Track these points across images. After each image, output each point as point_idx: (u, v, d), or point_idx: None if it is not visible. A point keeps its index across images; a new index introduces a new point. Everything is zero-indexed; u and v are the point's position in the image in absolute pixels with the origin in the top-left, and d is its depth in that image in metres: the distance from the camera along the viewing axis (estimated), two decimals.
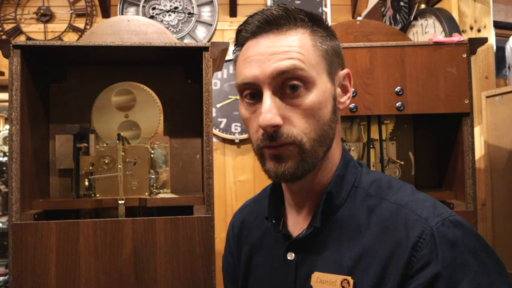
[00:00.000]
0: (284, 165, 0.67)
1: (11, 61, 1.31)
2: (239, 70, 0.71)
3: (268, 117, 0.65)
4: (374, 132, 1.53)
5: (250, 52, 0.69)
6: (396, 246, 0.64)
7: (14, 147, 1.30)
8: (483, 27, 2.12)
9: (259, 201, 0.90)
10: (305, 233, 0.73)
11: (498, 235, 1.92)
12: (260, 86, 0.67)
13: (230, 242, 0.93)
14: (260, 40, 0.69)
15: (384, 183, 0.74)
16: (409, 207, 0.68)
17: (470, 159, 1.38)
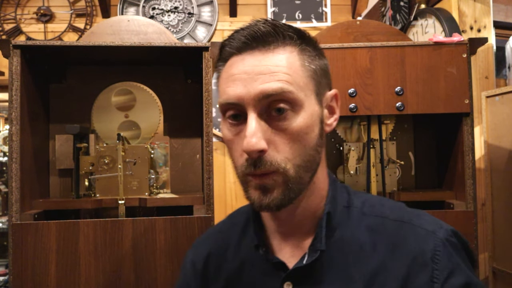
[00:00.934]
0: (269, 196, 0.63)
1: (11, 61, 1.31)
2: (222, 88, 0.66)
3: (253, 141, 0.60)
4: (374, 132, 1.53)
5: (235, 69, 0.64)
6: (412, 262, 0.63)
7: (14, 147, 1.30)
8: (483, 27, 2.12)
9: (226, 231, 0.80)
10: (311, 259, 0.67)
11: (498, 235, 1.92)
12: (244, 107, 0.62)
13: (190, 281, 0.80)
14: (246, 57, 0.64)
15: (376, 201, 0.73)
16: (413, 222, 0.67)
17: (470, 159, 1.38)
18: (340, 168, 1.62)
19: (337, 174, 1.62)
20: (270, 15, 3.10)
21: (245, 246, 0.75)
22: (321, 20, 3.12)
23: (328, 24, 3.11)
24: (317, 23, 3.11)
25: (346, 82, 1.39)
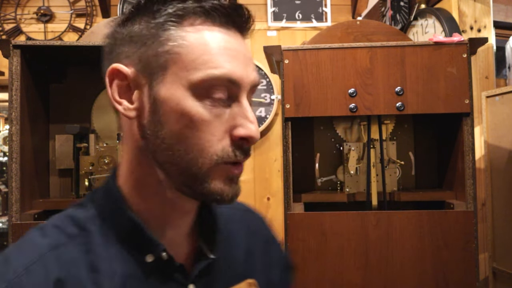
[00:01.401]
0: (238, 187, 0.59)
1: (11, 61, 1.31)
2: (212, 57, 0.56)
3: (256, 128, 0.56)
4: (374, 132, 1.53)
5: (234, 45, 0.58)
6: (267, 245, 0.76)
7: (14, 147, 1.30)
8: (483, 27, 2.12)
9: (66, 248, 0.57)
10: (218, 254, 0.65)
11: (498, 235, 1.92)
12: (238, 91, 0.57)
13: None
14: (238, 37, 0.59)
15: None
16: (254, 210, 0.80)
17: (470, 159, 1.38)
18: (340, 168, 1.62)
19: (337, 174, 1.62)
20: (270, 15, 3.10)
21: (121, 260, 0.59)
22: (321, 20, 3.12)
23: (328, 24, 3.11)
24: (317, 23, 3.11)
25: (346, 82, 1.39)
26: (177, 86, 0.56)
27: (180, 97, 0.55)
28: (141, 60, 0.57)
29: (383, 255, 1.35)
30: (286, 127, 1.42)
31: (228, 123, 0.57)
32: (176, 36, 0.56)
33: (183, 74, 0.56)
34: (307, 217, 1.39)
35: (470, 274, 1.33)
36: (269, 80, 3.01)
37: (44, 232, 0.59)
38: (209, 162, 0.56)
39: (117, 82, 0.58)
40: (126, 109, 0.58)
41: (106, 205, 0.61)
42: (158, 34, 0.56)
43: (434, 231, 1.34)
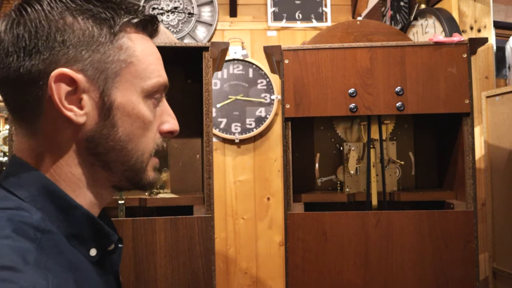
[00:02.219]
0: (158, 173, 0.68)
1: None
2: (155, 67, 0.65)
3: (177, 122, 0.68)
4: (374, 132, 1.53)
5: (158, 53, 0.67)
6: None
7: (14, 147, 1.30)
8: (483, 27, 2.12)
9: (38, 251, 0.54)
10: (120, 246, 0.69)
11: (498, 235, 1.92)
12: (164, 91, 0.67)
13: None
14: (153, 43, 0.68)
15: None
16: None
17: (470, 159, 1.38)
18: (340, 168, 1.62)
19: (337, 174, 1.62)
20: (270, 15, 3.10)
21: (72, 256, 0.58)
22: (321, 20, 3.13)
23: (328, 24, 3.11)
24: (317, 23, 3.11)
25: (346, 82, 1.39)
26: (132, 92, 0.61)
27: (135, 102, 0.62)
28: (91, 66, 0.58)
29: (383, 255, 1.35)
30: (286, 127, 1.42)
31: (158, 120, 0.66)
32: (128, 45, 0.61)
33: (136, 81, 0.62)
34: (307, 217, 1.39)
35: (470, 274, 1.33)
36: (269, 80, 3.01)
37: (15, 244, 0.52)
38: (148, 156, 0.65)
39: (64, 88, 0.57)
40: (77, 115, 0.58)
41: (54, 204, 0.59)
42: (111, 42, 0.60)
43: (434, 231, 1.34)
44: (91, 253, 0.61)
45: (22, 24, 0.56)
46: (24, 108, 0.59)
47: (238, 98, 3.01)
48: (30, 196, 0.58)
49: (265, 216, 3.04)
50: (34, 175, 0.59)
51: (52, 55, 0.57)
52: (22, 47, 0.56)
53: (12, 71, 0.57)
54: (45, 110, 0.58)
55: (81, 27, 0.58)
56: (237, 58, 3.01)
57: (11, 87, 0.58)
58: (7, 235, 0.52)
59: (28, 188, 0.58)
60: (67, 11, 0.58)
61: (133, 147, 0.63)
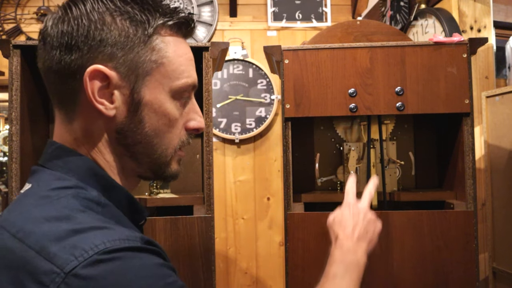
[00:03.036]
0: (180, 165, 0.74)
1: (11, 61, 1.31)
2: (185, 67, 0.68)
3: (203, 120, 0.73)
4: (374, 132, 1.53)
5: (190, 54, 0.70)
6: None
7: (14, 147, 1.30)
8: (483, 27, 2.12)
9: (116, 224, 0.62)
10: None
11: (498, 235, 1.92)
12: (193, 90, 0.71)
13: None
14: (188, 44, 0.71)
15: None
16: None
17: (470, 159, 1.38)
18: (340, 168, 1.62)
19: (337, 174, 1.62)
20: (270, 15, 3.10)
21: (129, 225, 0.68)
22: (321, 20, 3.13)
23: (328, 24, 3.11)
24: (317, 23, 3.11)
25: (346, 82, 1.39)
26: (160, 91, 0.66)
27: (162, 101, 0.66)
28: (125, 65, 0.63)
29: (383, 255, 1.35)
30: (286, 127, 1.42)
31: (185, 118, 0.70)
32: (160, 46, 0.65)
33: (165, 81, 0.66)
34: (307, 217, 1.39)
35: (470, 274, 1.33)
36: (269, 80, 3.01)
37: (92, 215, 0.59)
38: (173, 151, 0.69)
39: (97, 83, 0.62)
40: (108, 109, 0.64)
41: (103, 184, 0.66)
42: (145, 43, 0.64)
43: (434, 231, 1.34)
44: (140, 224, 0.73)
45: (66, 22, 0.62)
46: (63, 97, 0.66)
47: (238, 98, 3.01)
48: (81, 177, 0.64)
49: (265, 216, 3.04)
50: (81, 158, 0.66)
51: (90, 52, 0.62)
52: (64, 43, 0.62)
53: (55, 63, 0.64)
54: (80, 101, 0.64)
55: (118, 27, 0.62)
56: (237, 58, 3.01)
57: (53, 76, 0.66)
58: (81, 209, 0.58)
59: (78, 170, 0.65)
60: (107, 12, 0.62)
61: (158, 142, 0.67)
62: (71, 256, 0.50)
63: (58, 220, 0.55)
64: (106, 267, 0.50)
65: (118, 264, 0.51)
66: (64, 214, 0.57)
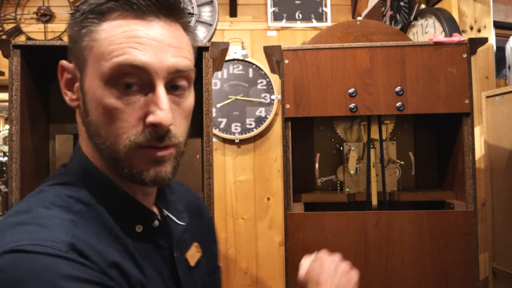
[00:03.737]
0: (164, 170, 0.62)
1: (11, 61, 1.31)
2: (117, 46, 0.59)
3: (169, 115, 0.59)
4: (374, 132, 1.53)
5: (141, 32, 0.59)
6: (201, 213, 0.90)
7: (14, 147, 1.30)
8: (483, 27, 2.12)
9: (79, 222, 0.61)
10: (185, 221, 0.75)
11: (498, 235, 1.92)
12: (151, 77, 0.59)
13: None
14: (153, 23, 0.60)
15: None
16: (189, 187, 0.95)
17: (470, 159, 1.38)
18: (340, 168, 1.62)
19: (337, 174, 1.62)
20: (270, 15, 3.10)
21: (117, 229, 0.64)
22: (321, 20, 3.12)
23: (328, 24, 3.11)
24: (317, 23, 3.11)
25: (346, 82, 1.39)
26: (94, 78, 0.61)
27: (95, 88, 0.60)
28: (74, 55, 0.65)
29: (383, 255, 1.35)
30: (286, 127, 1.42)
31: (141, 110, 0.60)
32: (92, 31, 0.61)
33: (96, 66, 0.60)
34: (307, 217, 1.39)
35: (470, 274, 1.33)
36: (269, 80, 3.01)
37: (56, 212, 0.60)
38: (125, 148, 0.60)
39: (65, 76, 0.66)
40: (70, 100, 0.66)
41: (96, 183, 0.65)
42: (80, 32, 0.62)
43: (434, 231, 1.34)
44: (137, 229, 0.66)
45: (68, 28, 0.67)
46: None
47: (238, 98, 3.01)
48: (77, 175, 0.65)
49: (265, 216, 3.04)
50: (79, 156, 0.67)
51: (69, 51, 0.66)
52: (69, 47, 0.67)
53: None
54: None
55: (74, 24, 0.64)
56: (237, 58, 3.01)
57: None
58: (48, 205, 0.60)
59: (75, 168, 0.66)
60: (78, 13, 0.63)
61: (105, 135, 0.61)
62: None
63: (19, 213, 0.59)
64: (5, 261, 0.52)
65: (16, 262, 0.52)
66: (29, 207, 0.60)
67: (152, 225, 0.67)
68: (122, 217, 0.64)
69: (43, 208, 0.60)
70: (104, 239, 0.60)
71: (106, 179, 0.65)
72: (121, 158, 0.61)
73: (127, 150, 0.60)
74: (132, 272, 0.60)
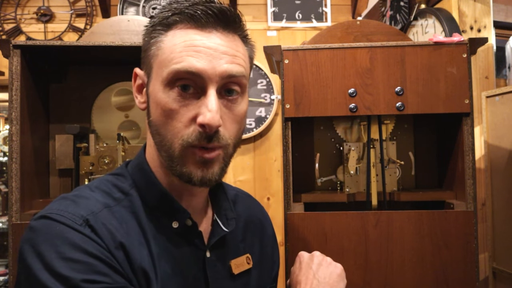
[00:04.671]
0: (211, 171, 0.68)
1: (11, 61, 1.31)
2: (177, 54, 0.66)
3: (217, 117, 0.64)
4: (374, 132, 1.53)
5: (198, 42, 0.66)
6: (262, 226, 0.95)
7: (14, 147, 1.30)
8: (483, 27, 2.12)
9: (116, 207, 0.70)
10: (231, 228, 0.78)
11: (498, 235, 1.92)
12: (204, 82, 0.66)
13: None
14: (211, 34, 0.67)
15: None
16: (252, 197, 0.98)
17: (470, 159, 1.38)
18: (340, 168, 1.62)
19: (337, 174, 1.62)
20: (270, 15, 3.10)
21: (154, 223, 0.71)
22: (321, 20, 3.12)
23: (328, 24, 3.11)
24: (317, 23, 3.11)
25: (346, 82, 1.39)
26: (156, 82, 0.68)
27: (156, 91, 0.68)
28: (144, 63, 0.73)
29: (383, 255, 1.35)
30: (286, 127, 1.42)
31: (194, 111, 0.66)
32: (158, 41, 0.69)
33: (159, 71, 0.68)
34: (307, 217, 1.39)
35: (470, 274, 1.33)
36: (269, 80, 3.01)
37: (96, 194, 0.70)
38: (179, 147, 0.66)
39: (137, 81, 0.75)
40: (140, 103, 0.74)
41: (141, 177, 0.73)
42: (149, 42, 0.71)
43: (434, 231, 1.34)
44: (173, 225, 0.72)
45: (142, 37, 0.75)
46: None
47: None
48: (131, 169, 0.76)
49: None
50: (139, 154, 0.77)
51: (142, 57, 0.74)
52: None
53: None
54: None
55: (145, 35, 0.73)
56: None
57: None
58: (93, 188, 0.72)
59: (133, 163, 0.77)
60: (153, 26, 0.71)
61: (163, 134, 0.68)
62: (43, 210, 0.67)
63: (74, 190, 0.72)
64: (37, 223, 0.64)
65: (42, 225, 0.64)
66: (82, 188, 0.72)
67: (186, 224, 0.72)
68: (159, 211, 0.72)
69: (88, 189, 0.71)
70: (132, 224, 0.68)
71: (151, 176, 0.73)
72: (175, 156, 0.67)
73: (181, 148, 0.66)
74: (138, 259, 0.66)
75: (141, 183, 0.73)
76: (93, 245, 0.62)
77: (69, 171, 1.54)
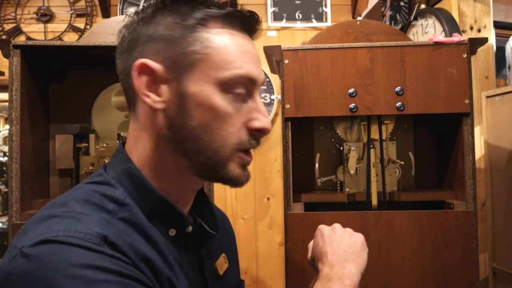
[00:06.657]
0: (248, 173, 0.70)
1: (11, 61, 1.31)
2: (236, 58, 0.65)
3: (269, 121, 0.67)
4: (374, 132, 1.53)
5: (247, 47, 0.67)
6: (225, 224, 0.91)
7: (14, 147, 1.30)
8: (483, 27, 2.12)
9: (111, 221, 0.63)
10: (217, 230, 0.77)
11: (498, 235, 1.92)
12: (255, 87, 0.68)
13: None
14: (250, 40, 0.70)
15: None
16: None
17: (470, 159, 1.38)
18: (340, 168, 1.62)
19: (337, 174, 1.62)
20: (270, 15, 3.10)
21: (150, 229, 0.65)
22: (321, 20, 3.12)
23: (328, 24, 3.11)
24: (317, 23, 3.11)
25: (346, 82, 1.39)
26: (205, 83, 0.63)
27: (208, 93, 0.63)
28: (170, 57, 0.64)
29: (383, 255, 1.35)
30: (286, 127, 1.42)
31: (245, 116, 0.66)
32: (203, 38, 0.64)
33: (211, 72, 0.64)
34: (307, 217, 1.39)
35: (470, 274, 1.33)
36: (269, 80, 3.01)
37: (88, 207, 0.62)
38: (229, 150, 0.65)
39: (144, 76, 0.64)
40: (155, 102, 0.64)
41: (131, 184, 0.66)
42: (186, 35, 0.64)
43: (434, 231, 1.34)
44: (170, 233, 0.68)
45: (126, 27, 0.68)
46: (127, 97, 0.69)
47: None
48: (116, 176, 0.67)
49: (265, 216, 3.04)
50: (122, 158, 0.69)
51: (141, 48, 0.65)
52: (126, 46, 0.67)
53: (124, 65, 0.68)
54: (136, 98, 0.67)
55: (164, 23, 0.65)
56: None
57: (122, 78, 0.69)
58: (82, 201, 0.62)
59: (116, 169, 0.68)
60: (156, 11, 0.66)
61: (209, 138, 0.64)
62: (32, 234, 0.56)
63: (54, 206, 0.62)
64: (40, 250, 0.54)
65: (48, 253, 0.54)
66: (65, 201, 0.62)
67: (185, 230, 0.69)
68: (157, 219, 0.66)
69: (77, 204, 0.62)
70: (135, 236, 0.62)
71: (145, 182, 0.67)
72: (223, 161, 0.65)
73: (232, 152, 0.65)
74: (162, 269, 0.62)
75: (132, 191, 0.66)
76: (118, 264, 0.56)
77: (69, 171, 1.54)
